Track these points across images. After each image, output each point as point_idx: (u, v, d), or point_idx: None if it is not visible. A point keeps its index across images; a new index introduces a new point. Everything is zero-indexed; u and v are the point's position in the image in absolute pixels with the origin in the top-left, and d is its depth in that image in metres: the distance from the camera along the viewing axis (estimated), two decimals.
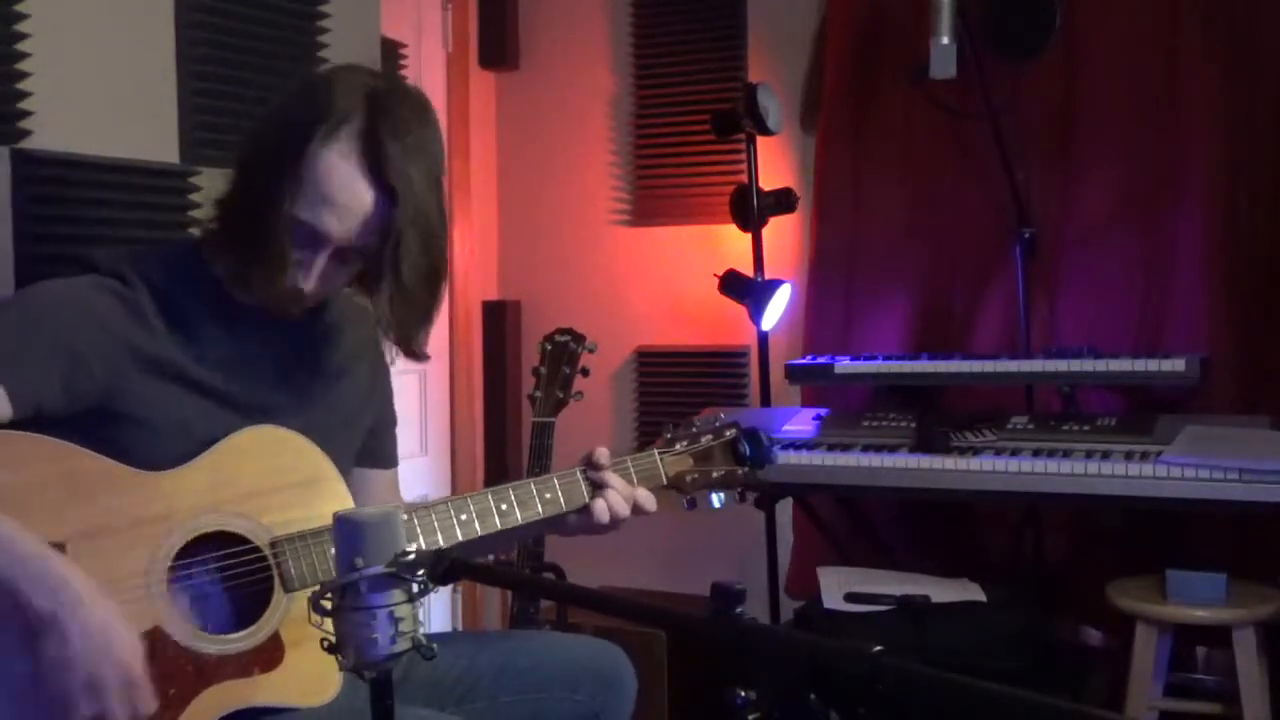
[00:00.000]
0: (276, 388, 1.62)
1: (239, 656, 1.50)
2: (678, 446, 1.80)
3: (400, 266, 1.53)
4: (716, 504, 1.82)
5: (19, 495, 1.40)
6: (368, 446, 1.80)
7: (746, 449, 1.81)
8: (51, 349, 1.45)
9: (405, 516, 1.31)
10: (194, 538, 1.49)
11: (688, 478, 1.79)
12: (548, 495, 1.69)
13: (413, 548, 1.10)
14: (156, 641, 1.44)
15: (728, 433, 1.82)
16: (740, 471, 1.82)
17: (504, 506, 1.65)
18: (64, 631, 1.32)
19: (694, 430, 1.82)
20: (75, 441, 1.46)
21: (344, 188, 1.51)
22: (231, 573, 1.51)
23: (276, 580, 1.52)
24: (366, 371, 1.77)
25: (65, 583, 1.33)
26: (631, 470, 1.74)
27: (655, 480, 1.77)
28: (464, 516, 1.62)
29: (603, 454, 1.73)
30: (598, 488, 1.71)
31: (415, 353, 1.62)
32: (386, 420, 1.84)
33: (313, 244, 1.53)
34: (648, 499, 1.74)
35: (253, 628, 1.51)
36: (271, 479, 1.55)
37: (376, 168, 1.51)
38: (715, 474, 1.81)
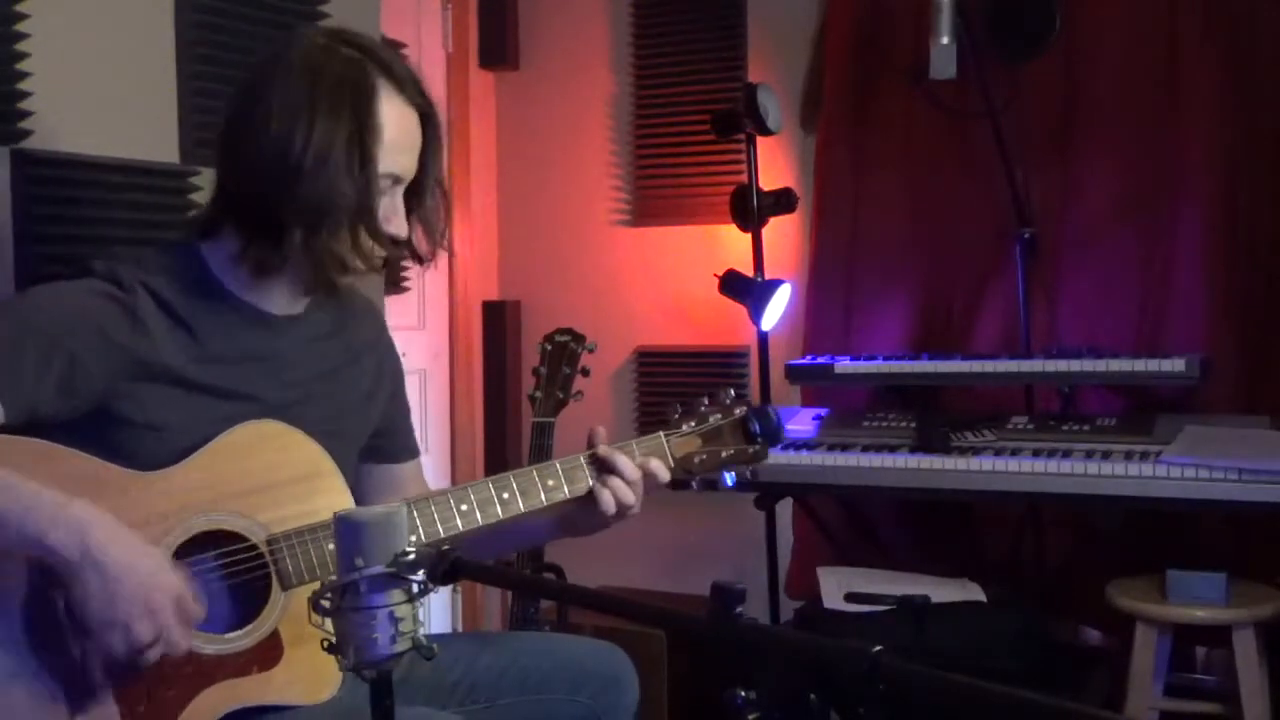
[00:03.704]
0: (278, 385, 1.61)
1: (238, 655, 1.50)
2: (684, 428, 1.76)
3: (440, 174, 1.65)
4: (729, 481, 1.80)
5: None
6: (388, 443, 1.80)
7: (757, 426, 1.78)
8: (47, 354, 1.44)
9: (405, 508, 1.30)
10: (191, 537, 1.48)
11: (696, 459, 1.76)
12: (550, 482, 1.66)
13: (413, 539, 1.10)
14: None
15: (737, 410, 1.79)
16: (751, 450, 1.79)
17: (505, 495, 1.63)
18: (100, 567, 1.33)
19: (702, 410, 1.79)
20: (73, 445, 1.46)
21: (409, 129, 1.58)
22: (229, 571, 1.50)
23: (274, 578, 1.51)
24: (371, 367, 1.76)
25: (88, 522, 1.34)
26: (637, 453, 1.72)
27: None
28: (464, 506, 1.60)
29: (601, 433, 1.72)
30: (603, 470, 1.68)
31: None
32: (400, 412, 1.83)
33: (390, 192, 1.58)
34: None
35: (251, 626, 1.51)
36: (267, 475, 1.54)
37: (409, 96, 1.58)
38: (725, 454, 1.77)
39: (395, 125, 1.56)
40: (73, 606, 1.36)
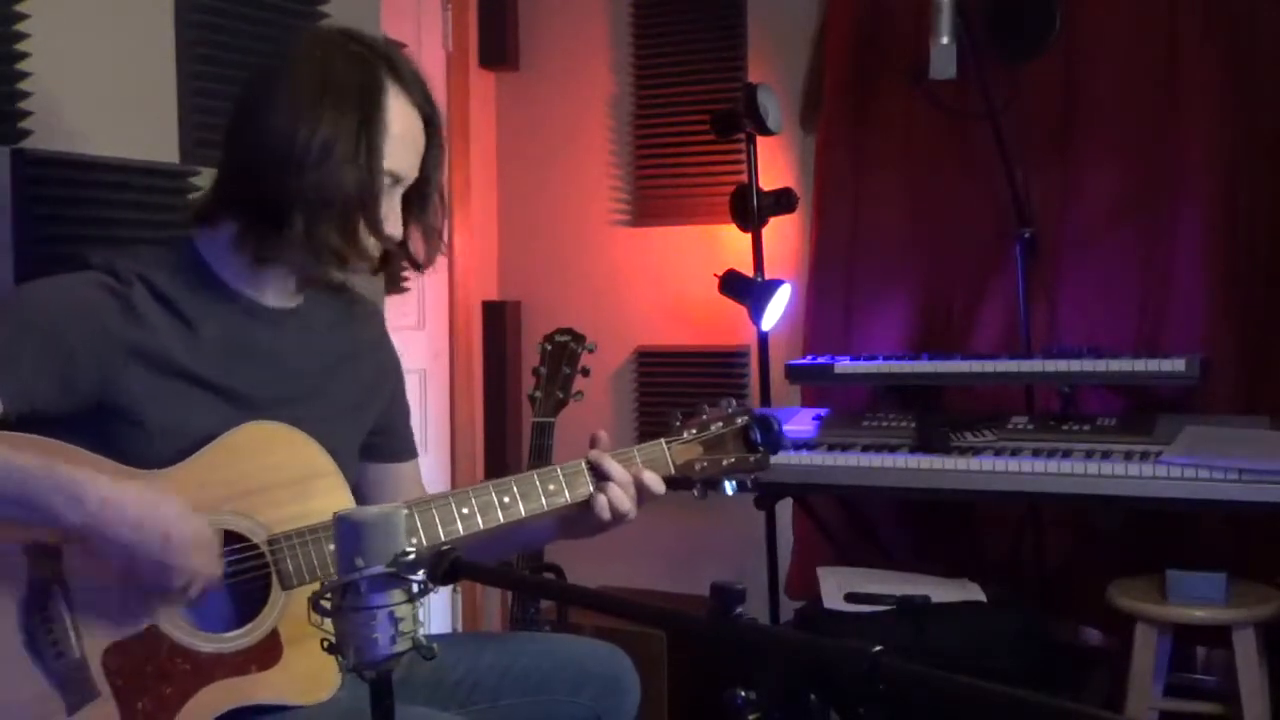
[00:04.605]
0: (276, 379, 1.61)
1: (236, 654, 1.50)
2: (685, 435, 1.76)
3: (441, 181, 1.67)
4: (729, 490, 1.80)
5: None
6: (386, 442, 1.80)
7: (758, 435, 1.78)
8: (46, 347, 1.45)
9: (406, 511, 1.31)
10: None
11: (696, 466, 1.76)
12: (551, 486, 1.65)
13: (413, 544, 1.10)
14: (153, 640, 1.45)
15: (739, 419, 1.79)
16: (752, 459, 1.79)
17: (506, 499, 1.62)
18: (117, 527, 1.38)
19: (704, 418, 1.78)
20: (73, 441, 1.45)
21: (413, 129, 1.60)
22: (229, 571, 1.50)
23: (274, 577, 1.51)
24: (369, 365, 1.76)
25: (94, 488, 1.38)
26: (638, 460, 1.71)
27: (663, 470, 1.73)
28: (465, 510, 1.60)
29: (603, 438, 1.71)
30: (600, 477, 1.67)
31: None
32: (399, 411, 1.83)
33: (389, 192, 1.59)
34: (654, 481, 1.70)
35: (250, 625, 1.51)
36: (268, 475, 1.54)
37: (415, 99, 1.59)
38: (726, 462, 1.77)
39: (400, 123, 1.57)
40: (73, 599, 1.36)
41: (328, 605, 1.09)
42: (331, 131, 1.52)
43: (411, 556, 1.08)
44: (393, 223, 1.60)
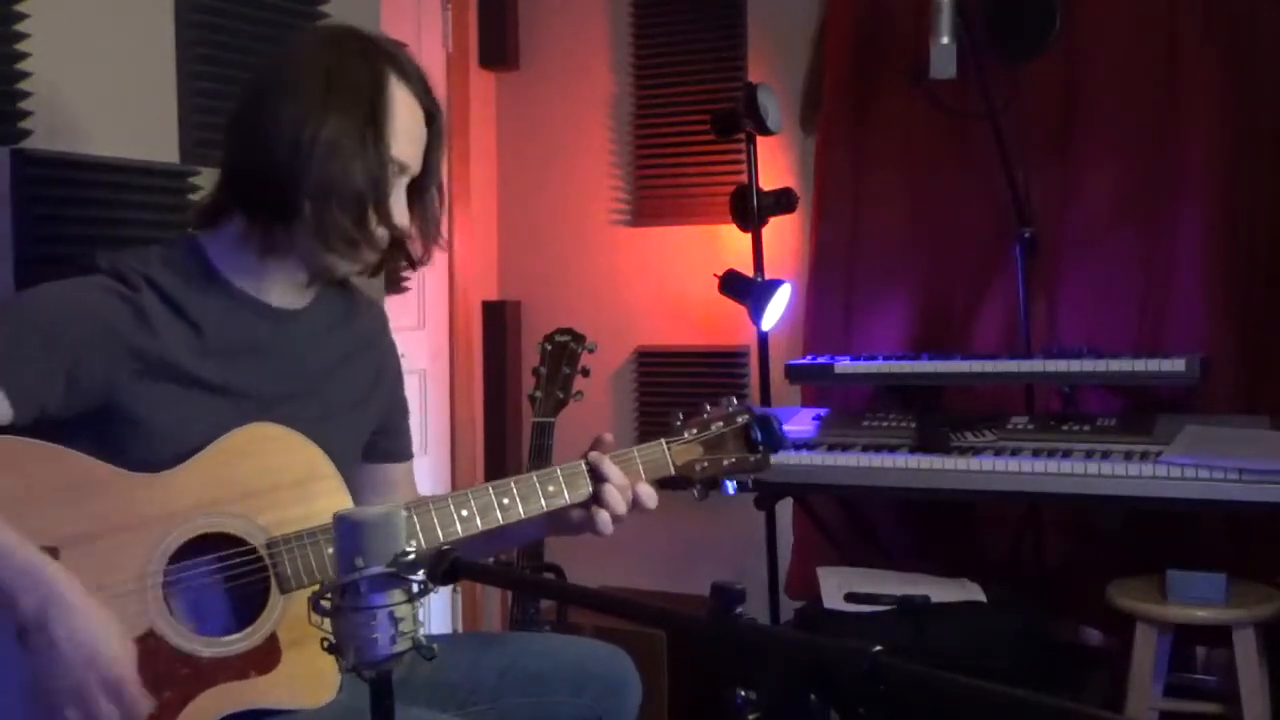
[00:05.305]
0: (280, 379, 1.62)
1: (235, 658, 1.49)
2: (686, 435, 1.75)
3: (440, 176, 1.69)
4: (730, 490, 1.80)
5: (13, 499, 1.39)
6: (383, 443, 1.79)
7: (759, 435, 1.78)
8: (53, 351, 1.45)
9: (405, 513, 1.31)
10: (189, 539, 1.48)
11: (697, 466, 1.75)
12: (551, 488, 1.65)
13: (412, 546, 1.10)
14: (151, 645, 1.44)
15: (740, 419, 1.78)
16: (753, 459, 1.78)
17: (505, 500, 1.62)
18: (51, 637, 1.33)
19: (704, 417, 1.77)
20: (77, 442, 1.46)
21: (418, 121, 1.62)
22: (227, 574, 1.50)
23: (273, 581, 1.51)
24: (371, 364, 1.77)
25: (54, 587, 1.34)
26: (638, 460, 1.70)
27: (663, 471, 1.72)
28: (465, 512, 1.60)
29: (608, 441, 1.71)
30: (598, 480, 1.67)
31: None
32: (398, 412, 1.83)
33: (396, 181, 1.61)
34: (648, 495, 1.69)
35: (249, 629, 1.50)
36: (267, 478, 1.54)
37: (417, 92, 1.61)
38: (727, 461, 1.76)
39: (405, 114, 1.59)
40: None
41: (328, 605, 1.09)
42: (338, 125, 1.53)
43: (411, 556, 1.08)
44: (400, 212, 1.62)
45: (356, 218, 1.56)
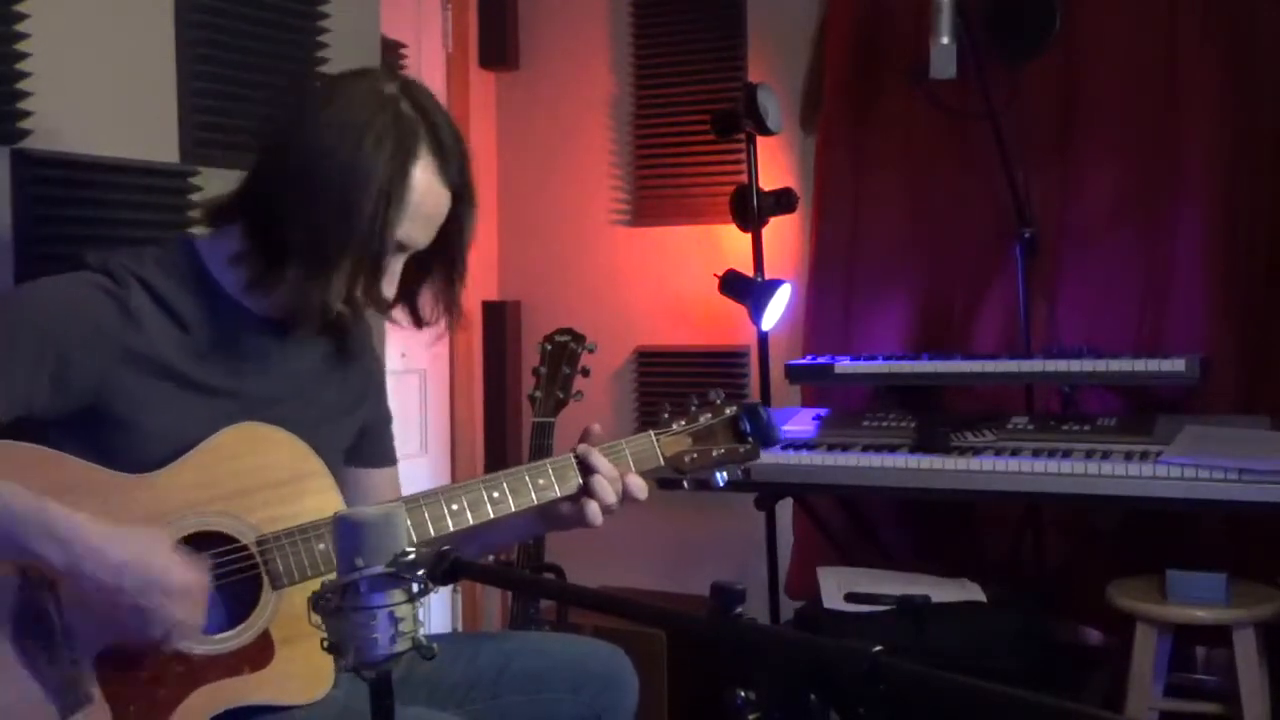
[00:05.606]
0: (267, 382, 1.62)
1: (228, 656, 1.50)
2: (675, 427, 1.76)
3: (464, 253, 1.67)
4: (720, 482, 1.79)
5: None
6: (367, 446, 1.80)
7: (748, 425, 1.78)
8: (41, 349, 1.44)
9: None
10: (180, 539, 1.48)
11: (686, 458, 1.76)
12: (540, 481, 1.65)
13: (410, 546, 1.10)
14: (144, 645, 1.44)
15: (728, 410, 1.79)
16: (742, 449, 1.79)
17: (495, 494, 1.62)
18: (88, 576, 1.36)
19: (692, 409, 1.79)
20: (66, 442, 1.46)
21: (437, 204, 1.58)
22: (219, 572, 1.50)
23: (264, 578, 1.51)
24: (358, 369, 1.77)
25: (75, 529, 1.36)
26: (627, 453, 1.71)
27: (652, 462, 1.73)
28: (455, 506, 1.60)
29: (595, 432, 1.71)
30: (587, 471, 1.67)
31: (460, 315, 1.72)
32: (382, 418, 1.84)
33: (394, 257, 1.58)
34: (638, 487, 1.70)
35: (242, 626, 1.51)
36: (256, 476, 1.54)
37: (448, 174, 1.57)
38: (715, 453, 1.77)
39: (422, 195, 1.55)
40: (66, 607, 1.37)
41: (328, 605, 1.09)
42: (354, 182, 1.50)
43: (411, 556, 1.08)
44: (388, 285, 1.59)
45: (342, 287, 1.53)
